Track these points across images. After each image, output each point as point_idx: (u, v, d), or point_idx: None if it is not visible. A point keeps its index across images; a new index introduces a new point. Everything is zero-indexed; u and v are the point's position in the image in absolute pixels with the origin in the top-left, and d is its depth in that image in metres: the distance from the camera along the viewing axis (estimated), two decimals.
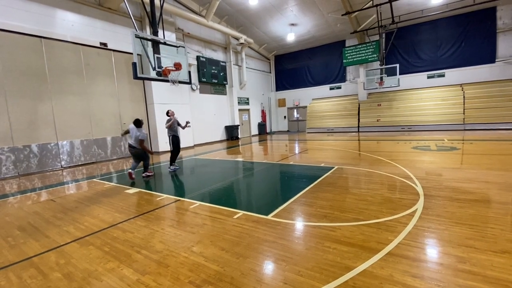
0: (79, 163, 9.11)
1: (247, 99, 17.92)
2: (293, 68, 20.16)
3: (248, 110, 18.21)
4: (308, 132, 18.03)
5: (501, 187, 4.14)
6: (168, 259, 2.55)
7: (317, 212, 3.53)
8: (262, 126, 19.20)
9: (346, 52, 16.32)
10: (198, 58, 13.55)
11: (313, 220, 3.30)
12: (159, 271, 2.35)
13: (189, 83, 7.45)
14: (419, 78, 15.61)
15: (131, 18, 6.73)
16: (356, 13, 13.56)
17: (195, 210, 3.91)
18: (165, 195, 4.78)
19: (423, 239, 2.65)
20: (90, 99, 9.41)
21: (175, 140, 7.30)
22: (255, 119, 19.04)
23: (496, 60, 13.64)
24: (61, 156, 8.64)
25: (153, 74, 6.98)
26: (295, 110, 20.66)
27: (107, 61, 9.92)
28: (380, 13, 12.87)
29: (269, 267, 2.33)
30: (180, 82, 7.06)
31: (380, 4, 12.07)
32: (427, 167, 5.82)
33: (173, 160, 7.37)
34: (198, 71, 13.63)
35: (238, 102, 16.81)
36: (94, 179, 6.66)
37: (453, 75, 14.72)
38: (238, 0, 12.82)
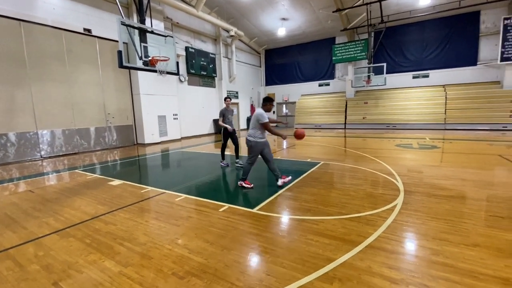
0: (60, 154, 8.80)
1: (237, 92, 17.80)
2: (283, 63, 20.15)
3: (237, 104, 18.10)
4: (296, 128, 18.14)
5: (476, 184, 4.35)
6: (151, 251, 2.53)
7: (302, 206, 3.59)
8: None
9: (335, 49, 16.46)
10: (187, 49, 13.27)
11: (298, 213, 3.36)
12: (142, 263, 2.34)
13: (177, 74, 7.31)
14: (404, 78, 16.01)
15: (118, 5, 6.50)
16: (347, 10, 13.67)
17: (180, 203, 3.88)
18: (150, 188, 4.72)
19: (401, 232, 2.76)
20: (72, 87, 9.06)
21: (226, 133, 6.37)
22: (244, 113, 18.98)
23: (478, 63, 14.17)
24: (40, 145, 8.31)
25: (139, 64, 6.79)
26: (284, 105, 20.73)
27: (91, 48, 9.55)
28: (370, 11, 13.03)
29: (252, 259, 2.37)
30: (168, 72, 6.92)
31: (370, 3, 12.22)
32: (408, 164, 6.03)
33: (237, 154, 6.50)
34: (187, 62, 13.37)
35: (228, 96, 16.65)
36: (76, 170, 6.47)
37: (437, 76, 15.19)
38: None
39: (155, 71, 6.77)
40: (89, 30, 9.33)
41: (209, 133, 15.37)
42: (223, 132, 6.31)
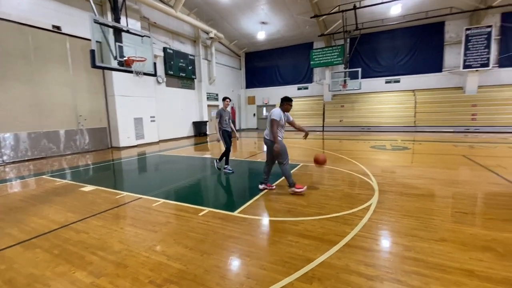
0: (26, 158, 8.19)
1: (216, 95, 17.66)
2: (263, 66, 20.34)
3: (217, 106, 17.95)
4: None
5: (443, 183, 4.65)
6: (127, 259, 2.43)
7: (282, 208, 3.63)
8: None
9: (313, 54, 16.90)
10: (165, 49, 12.98)
11: (278, 215, 3.39)
12: (117, 272, 2.23)
13: (154, 75, 7.12)
14: (378, 83, 16.79)
15: (90, 2, 6.21)
16: (324, 17, 14.13)
17: (158, 208, 3.76)
18: (125, 193, 4.53)
19: (376, 230, 2.88)
20: (39, 87, 8.49)
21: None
22: None
23: (443, 69, 15.23)
24: (2, 150, 7.69)
25: (114, 64, 6.54)
26: (264, 108, 20.89)
27: (60, 46, 9.03)
28: (346, 18, 13.55)
29: (233, 263, 2.35)
30: (145, 73, 6.72)
31: (346, 10, 12.71)
32: (382, 165, 6.32)
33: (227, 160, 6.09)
34: (165, 63, 13.07)
35: (207, 98, 16.48)
36: (44, 176, 6.05)
37: (407, 81, 16.11)
38: None
39: (131, 71, 6.54)
40: (58, 28, 8.82)
41: (189, 136, 15.09)
42: (223, 134, 5.88)
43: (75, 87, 9.50)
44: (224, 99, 5.85)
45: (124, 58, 6.44)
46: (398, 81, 16.35)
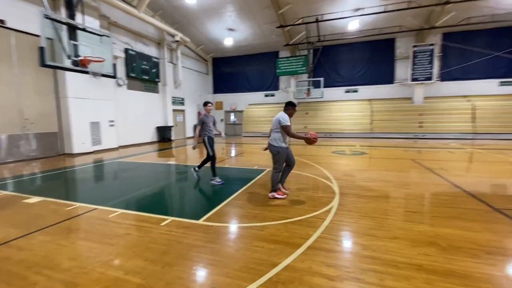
0: None
1: (182, 99, 17.21)
2: (231, 72, 20.39)
3: (183, 111, 17.48)
4: (244, 136, 18.45)
5: (396, 185, 5.07)
6: (78, 277, 2.21)
7: (248, 213, 3.63)
8: None
9: (279, 62, 17.44)
10: (126, 50, 12.33)
11: (244, 221, 3.38)
12: None
13: (114, 77, 6.72)
14: (338, 92, 17.87)
15: None
16: (289, 27, 14.71)
17: (115, 219, 3.51)
18: (78, 204, 4.14)
19: (337, 231, 3.02)
20: None
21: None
22: (191, 120, 18.42)
23: (394, 81, 16.77)
24: None
25: (67, 63, 6.04)
26: (232, 113, 20.87)
27: (3, 42, 8.08)
28: (309, 30, 14.28)
29: (197, 273, 2.27)
30: (103, 75, 6.31)
31: (309, 23, 13.42)
32: (342, 169, 6.69)
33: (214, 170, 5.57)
34: (127, 65, 12.40)
35: (173, 102, 15.97)
36: None
37: (364, 91, 17.40)
38: None
39: (87, 72, 6.10)
40: (2, 21, 7.90)
41: (152, 142, 14.40)
42: (208, 141, 5.41)
43: (21, 87, 8.52)
44: (206, 103, 5.48)
45: (80, 58, 5.99)
46: (356, 91, 17.59)
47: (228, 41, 16.32)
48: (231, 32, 15.96)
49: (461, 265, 2.32)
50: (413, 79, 15.68)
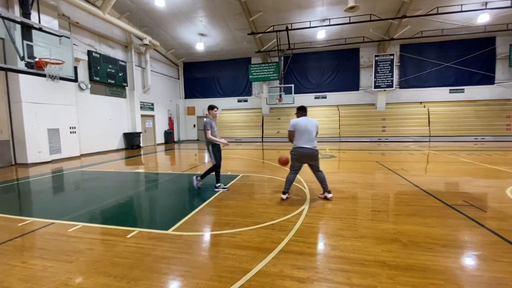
0: None
1: (152, 104, 16.62)
2: (203, 77, 20.18)
3: (153, 116, 16.86)
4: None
5: (362, 186, 5.34)
6: None
7: (220, 220, 3.58)
8: (169, 134, 18.13)
9: (251, 68, 17.66)
10: (89, 53, 11.65)
11: (216, 228, 3.32)
12: None
13: (75, 80, 6.31)
14: (308, 98, 18.51)
15: None
16: (260, 34, 14.99)
17: (75, 233, 3.25)
18: (32, 219, 3.77)
19: (307, 234, 3.09)
20: None
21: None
22: (161, 126, 17.82)
23: (359, 88, 17.81)
24: None
25: (21, 65, 5.56)
26: (204, 119, 20.56)
27: None
28: (279, 38, 14.67)
29: (166, 286, 2.17)
30: (62, 78, 5.89)
31: (279, 31, 13.79)
32: None
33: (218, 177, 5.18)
34: (90, 68, 11.70)
35: (141, 107, 15.34)
36: None
37: (332, 97, 18.23)
38: None
39: (43, 75, 5.65)
40: None
41: (118, 149, 13.66)
42: (213, 149, 5.01)
43: None
44: (212, 107, 5.03)
45: (35, 59, 5.54)
46: (325, 97, 18.37)
47: (200, 46, 16.19)
48: (202, 37, 15.85)
49: (420, 259, 2.50)
50: (376, 86, 16.78)
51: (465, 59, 16.05)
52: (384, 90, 16.84)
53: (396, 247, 2.74)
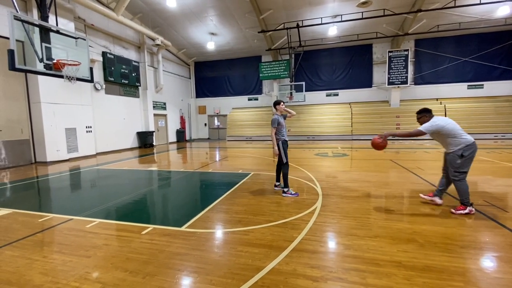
0: None
1: (164, 103, 16.89)
2: (214, 76, 20.31)
3: (165, 115, 17.14)
4: (228, 140, 18.36)
5: (376, 185, 5.23)
6: None
7: (232, 218, 3.59)
8: (181, 133, 18.38)
9: (262, 67, 17.61)
10: (104, 54, 11.95)
11: (228, 226, 3.34)
12: None
13: (91, 81, 6.48)
14: (320, 95, 18.29)
15: None
16: (270, 32, 14.90)
17: (93, 229, 3.35)
18: (51, 215, 3.92)
19: (321, 233, 3.06)
20: None
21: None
22: (173, 125, 18.09)
23: (372, 85, 17.42)
24: None
25: (40, 67, 5.76)
26: (215, 118, 20.73)
27: None
28: (290, 36, 14.55)
29: (180, 282, 2.21)
30: (79, 79, 6.06)
31: (290, 28, 13.67)
32: (325, 171, 6.81)
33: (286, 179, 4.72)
34: (104, 69, 12.01)
35: (154, 107, 15.62)
36: None
37: (344, 95, 17.93)
38: None
39: (61, 76, 5.84)
40: None
41: (132, 148, 13.97)
42: (283, 146, 4.67)
43: None
44: (278, 102, 4.77)
45: (53, 61, 5.73)
46: (337, 95, 18.08)
47: (210, 45, 16.29)
48: (213, 36, 15.93)
49: (438, 259, 2.42)
50: (390, 83, 16.37)
51: (484, 53, 15.38)
52: (398, 86, 16.40)
53: (413, 247, 2.67)
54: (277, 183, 5.04)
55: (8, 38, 7.88)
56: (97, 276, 2.30)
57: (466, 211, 3.57)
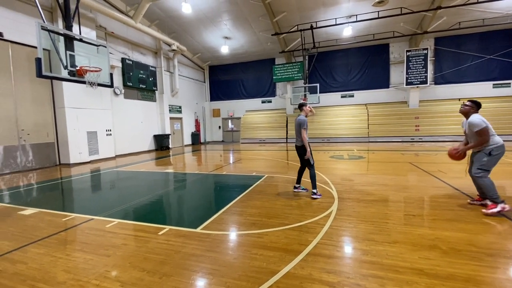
0: None
1: (180, 107, 17.25)
2: (227, 79, 20.54)
3: (180, 118, 17.50)
4: (242, 143, 18.44)
5: (394, 188, 5.06)
6: None
7: (246, 220, 3.59)
8: (195, 136, 18.69)
9: (275, 69, 17.61)
10: (123, 60, 12.41)
11: (242, 228, 3.34)
12: None
13: (111, 86, 6.73)
14: (334, 97, 18.01)
15: (38, 7, 5.73)
16: (284, 35, 14.89)
17: (112, 229, 3.46)
18: (74, 215, 4.09)
19: (337, 237, 2.99)
20: None
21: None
22: (188, 128, 18.43)
23: (390, 86, 16.95)
24: None
25: (64, 74, 6.05)
26: (229, 120, 20.91)
27: (1, 54, 8.10)
28: (304, 37, 14.46)
29: (195, 283, 2.23)
30: (100, 84, 6.31)
31: (304, 30, 13.59)
32: (341, 173, 6.68)
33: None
34: (123, 75, 12.46)
35: (170, 110, 16.00)
36: None
37: (360, 96, 17.55)
38: (170, 6, 12.44)
39: (84, 82, 6.10)
40: (0, 34, 7.94)
41: (149, 150, 14.35)
42: (310, 150, 4.67)
43: (17, 98, 8.51)
44: (304, 104, 4.69)
45: (76, 68, 6.00)
46: (352, 96, 17.73)
47: (224, 49, 16.49)
48: (227, 40, 16.14)
49: (463, 268, 2.30)
50: (408, 83, 15.86)
51: (511, 50, 14.57)
52: (417, 86, 15.85)
53: (435, 254, 2.55)
54: (297, 185, 4.99)
55: (35, 47, 8.41)
56: (116, 275, 2.36)
57: (498, 208, 3.41)
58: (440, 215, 3.58)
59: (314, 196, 4.53)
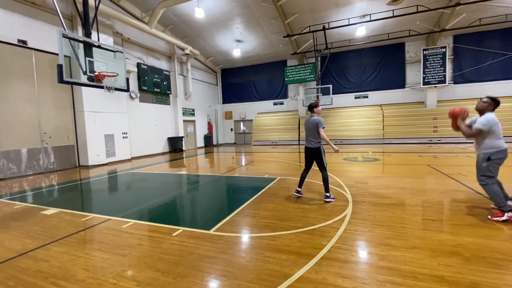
0: None
1: (193, 110, 17.53)
2: (239, 82, 20.68)
3: (193, 121, 17.77)
4: (254, 145, 18.48)
5: (411, 192, 4.90)
6: None
7: (259, 223, 3.58)
8: (208, 138, 18.91)
9: (287, 71, 17.55)
10: (139, 65, 12.77)
11: (255, 231, 3.33)
12: None
13: (127, 90, 6.92)
14: (348, 98, 17.71)
15: (59, 16, 6.01)
16: (296, 36, 14.84)
17: (128, 229, 3.54)
18: (92, 215, 4.22)
19: (351, 241, 2.93)
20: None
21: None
22: (201, 131, 18.67)
23: (406, 86, 16.48)
24: None
25: (83, 79, 6.29)
26: (241, 123, 21.02)
27: (25, 61, 8.54)
28: (316, 38, 14.35)
29: (208, 285, 2.24)
30: (116, 89, 6.52)
31: (316, 31, 13.49)
32: (355, 176, 6.54)
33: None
34: (139, 79, 12.81)
35: (183, 113, 16.29)
36: (1, 199, 5.49)
37: (375, 96, 17.17)
38: (183, 11, 12.71)
39: (102, 87, 6.32)
40: (24, 42, 8.38)
41: (164, 152, 14.65)
42: (324, 150, 4.66)
43: (40, 103, 8.94)
44: (316, 105, 4.69)
45: (95, 73, 6.23)
46: (367, 97, 17.38)
47: (236, 52, 16.63)
48: (239, 44, 16.27)
49: (487, 276, 2.19)
50: (425, 83, 15.36)
51: None
52: (435, 86, 15.32)
53: (456, 261, 2.44)
54: (299, 189, 4.80)
55: (56, 54, 8.81)
56: (132, 274, 2.42)
57: (504, 217, 3.27)
58: (461, 220, 3.43)
59: (328, 199, 4.46)
